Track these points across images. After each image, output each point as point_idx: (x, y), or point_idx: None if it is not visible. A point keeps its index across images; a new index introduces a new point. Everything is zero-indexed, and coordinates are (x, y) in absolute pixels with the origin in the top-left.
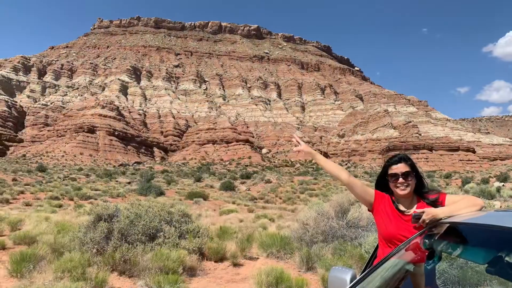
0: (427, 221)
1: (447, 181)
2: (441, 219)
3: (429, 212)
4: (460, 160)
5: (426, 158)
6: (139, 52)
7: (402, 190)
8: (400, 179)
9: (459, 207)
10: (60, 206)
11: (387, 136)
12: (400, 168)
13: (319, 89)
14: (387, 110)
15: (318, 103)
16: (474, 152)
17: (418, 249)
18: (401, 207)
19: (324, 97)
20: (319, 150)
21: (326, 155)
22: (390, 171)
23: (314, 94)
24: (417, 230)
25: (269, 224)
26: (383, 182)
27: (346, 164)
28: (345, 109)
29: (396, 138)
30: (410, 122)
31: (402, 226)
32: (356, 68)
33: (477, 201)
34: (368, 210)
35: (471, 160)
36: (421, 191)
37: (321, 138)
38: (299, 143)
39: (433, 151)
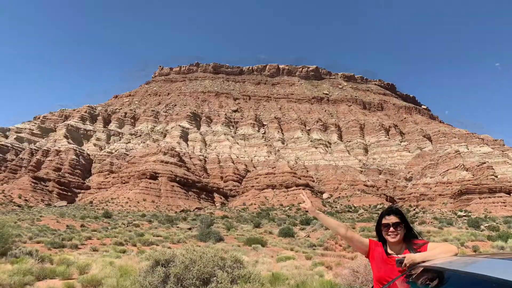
0: (407, 264)
1: None
2: (418, 263)
3: (409, 257)
4: None
5: (504, 202)
6: (198, 98)
7: (392, 238)
8: (391, 229)
9: (434, 253)
10: (124, 251)
11: (459, 179)
12: (391, 219)
13: (383, 129)
14: (458, 150)
15: (382, 145)
16: None
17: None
18: (390, 251)
19: (389, 138)
20: (384, 194)
21: (392, 199)
22: (383, 221)
23: (378, 135)
24: (401, 272)
25: (326, 271)
26: (379, 229)
27: (414, 209)
28: (412, 151)
29: (469, 180)
30: (485, 163)
31: (390, 269)
32: (423, 107)
33: (451, 247)
34: (365, 257)
35: None
36: (409, 240)
37: (386, 181)
38: (304, 201)
39: (511, 194)
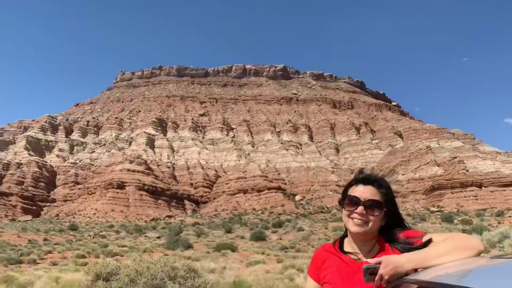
0: (386, 278)
1: (499, 220)
2: (407, 274)
3: (389, 263)
4: None
5: (475, 196)
6: (163, 102)
7: (356, 224)
8: (359, 209)
9: (438, 252)
10: (85, 264)
11: (430, 175)
12: (364, 192)
13: (354, 128)
14: (429, 146)
15: (353, 144)
16: None
17: None
18: (350, 248)
19: (360, 136)
20: None
21: None
22: (350, 192)
23: (349, 134)
24: None
25: (297, 275)
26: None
27: None
28: (384, 148)
29: (440, 176)
30: (456, 157)
31: (352, 280)
32: (393, 103)
33: (470, 242)
34: None
35: None
36: (392, 233)
37: None
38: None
39: (483, 187)
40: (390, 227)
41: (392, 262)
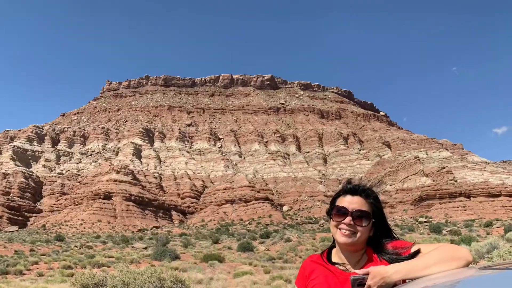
0: None
1: (487, 230)
2: (395, 285)
3: (377, 274)
4: (503, 207)
5: (464, 207)
6: (150, 113)
7: (343, 235)
8: (347, 219)
9: (427, 262)
10: (72, 275)
11: (419, 185)
12: (352, 202)
13: (342, 138)
14: (417, 156)
15: (341, 154)
16: None
17: None
18: (338, 259)
19: (348, 146)
20: None
21: None
22: (338, 203)
23: (337, 144)
24: None
25: (284, 285)
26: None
27: None
28: (372, 158)
29: (429, 186)
30: (444, 168)
31: None
32: (381, 113)
33: (458, 252)
34: None
35: None
36: (380, 243)
37: None
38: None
39: (471, 198)
40: (378, 237)
41: (380, 273)
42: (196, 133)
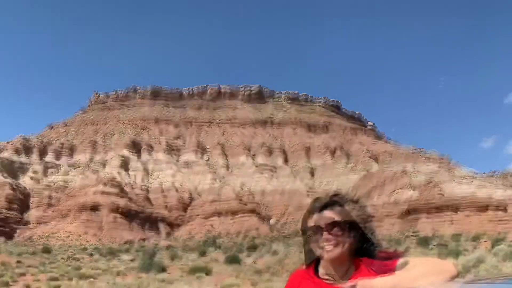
0: None
1: (474, 244)
2: None
3: (364, 286)
4: (490, 221)
5: (451, 220)
6: (137, 125)
7: (327, 251)
8: (325, 235)
9: (413, 275)
10: (59, 287)
11: (406, 199)
12: (324, 217)
13: (329, 152)
14: (405, 170)
15: (328, 167)
16: (506, 210)
17: None
18: (325, 275)
19: (335, 160)
20: None
21: None
22: (309, 223)
23: (324, 157)
24: None
25: None
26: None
27: None
28: (359, 172)
29: (416, 200)
30: (432, 181)
31: None
32: (369, 123)
33: (445, 266)
34: None
35: (503, 220)
36: (366, 254)
37: None
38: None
39: (459, 211)
40: (365, 247)
41: (367, 285)
42: (183, 145)
